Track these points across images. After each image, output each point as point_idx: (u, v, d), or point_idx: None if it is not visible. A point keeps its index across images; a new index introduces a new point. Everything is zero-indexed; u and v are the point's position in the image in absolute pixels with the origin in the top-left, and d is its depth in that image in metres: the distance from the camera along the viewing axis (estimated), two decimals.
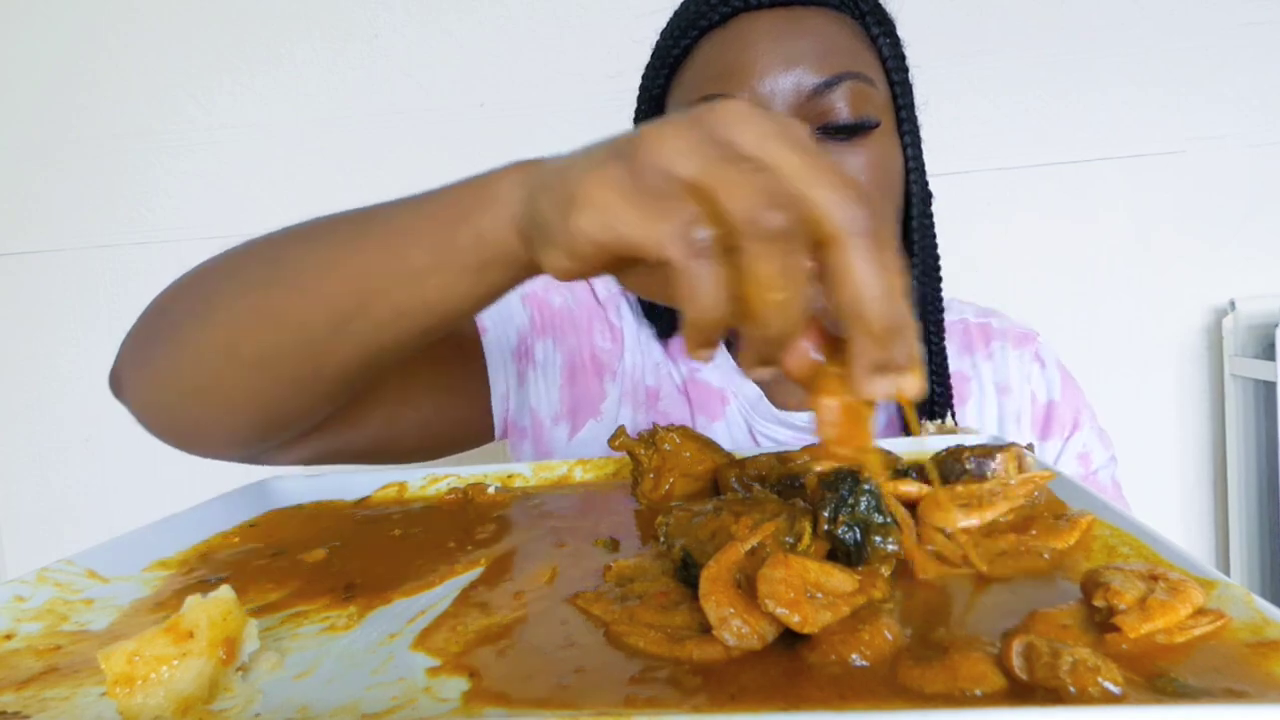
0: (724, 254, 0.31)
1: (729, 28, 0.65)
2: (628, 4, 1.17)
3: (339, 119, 1.25)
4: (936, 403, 0.70)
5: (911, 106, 0.69)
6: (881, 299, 0.30)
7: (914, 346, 0.31)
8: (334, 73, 1.25)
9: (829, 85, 0.62)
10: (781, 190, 0.30)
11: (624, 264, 0.35)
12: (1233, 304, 1.13)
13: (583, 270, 0.36)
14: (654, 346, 0.76)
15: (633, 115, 0.74)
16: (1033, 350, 0.77)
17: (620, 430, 0.53)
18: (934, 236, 0.73)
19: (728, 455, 0.52)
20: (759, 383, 0.73)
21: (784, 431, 0.72)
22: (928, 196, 0.73)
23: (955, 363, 0.76)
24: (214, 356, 0.48)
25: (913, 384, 0.31)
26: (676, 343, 0.77)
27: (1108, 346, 1.18)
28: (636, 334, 0.77)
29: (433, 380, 0.67)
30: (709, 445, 0.52)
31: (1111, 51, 1.14)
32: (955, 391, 0.75)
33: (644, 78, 0.72)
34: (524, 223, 0.40)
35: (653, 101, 0.71)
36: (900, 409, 0.72)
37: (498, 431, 0.74)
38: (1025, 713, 0.24)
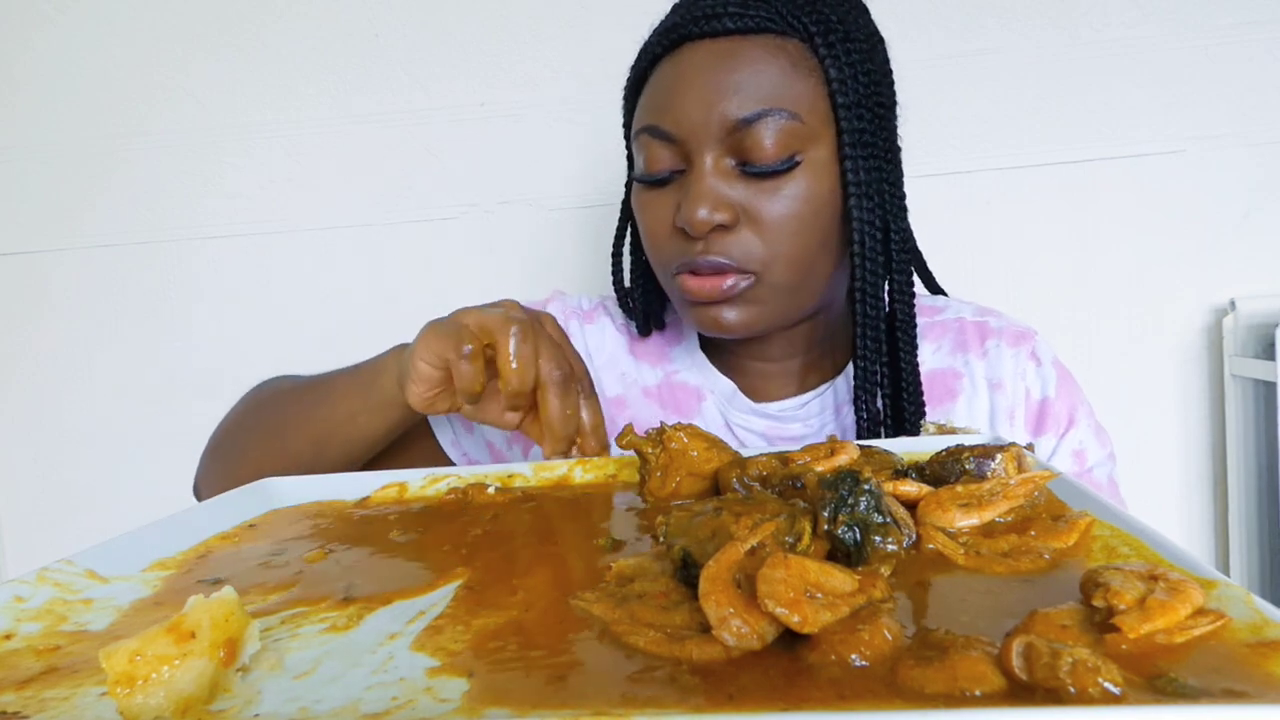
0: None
1: (675, 57, 0.68)
2: (628, 4, 1.18)
3: (339, 119, 1.25)
4: (908, 416, 0.71)
5: (866, 130, 0.67)
6: (559, 421, 0.60)
7: (596, 436, 0.62)
8: (334, 73, 1.25)
9: (750, 121, 0.64)
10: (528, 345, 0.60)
11: (447, 386, 0.63)
12: (1233, 304, 1.13)
13: (423, 391, 0.63)
14: (620, 358, 0.83)
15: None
16: (1029, 348, 0.77)
17: (628, 428, 0.53)
18: (907, 254, 0.73)
19: (734, 454, 0.52)
20: (730, 378, 0.79)
21: (759, 421, 0.77)
22: (899, 211, 0.72)
23: (948, 360, 0.78)
24: (253, 474, 0.66)
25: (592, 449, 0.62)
26: (651, 348, 0.83)
27: (1108, 346, 1.18)
28: (586, 349, 0.83)
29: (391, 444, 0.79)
30: (716, 444, 0.52)
31: (1111, 51, 1.14)
32: (946, 388, 0.76)
33: (624, 94, 0.76)
34: (399, 376, 0.65)
35: (629, 115, 0.74)
36: (857, 424, 0.73)
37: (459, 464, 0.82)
38: (1025, 713, 0.24)
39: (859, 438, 0.71)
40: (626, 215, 0.81)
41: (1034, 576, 0.35)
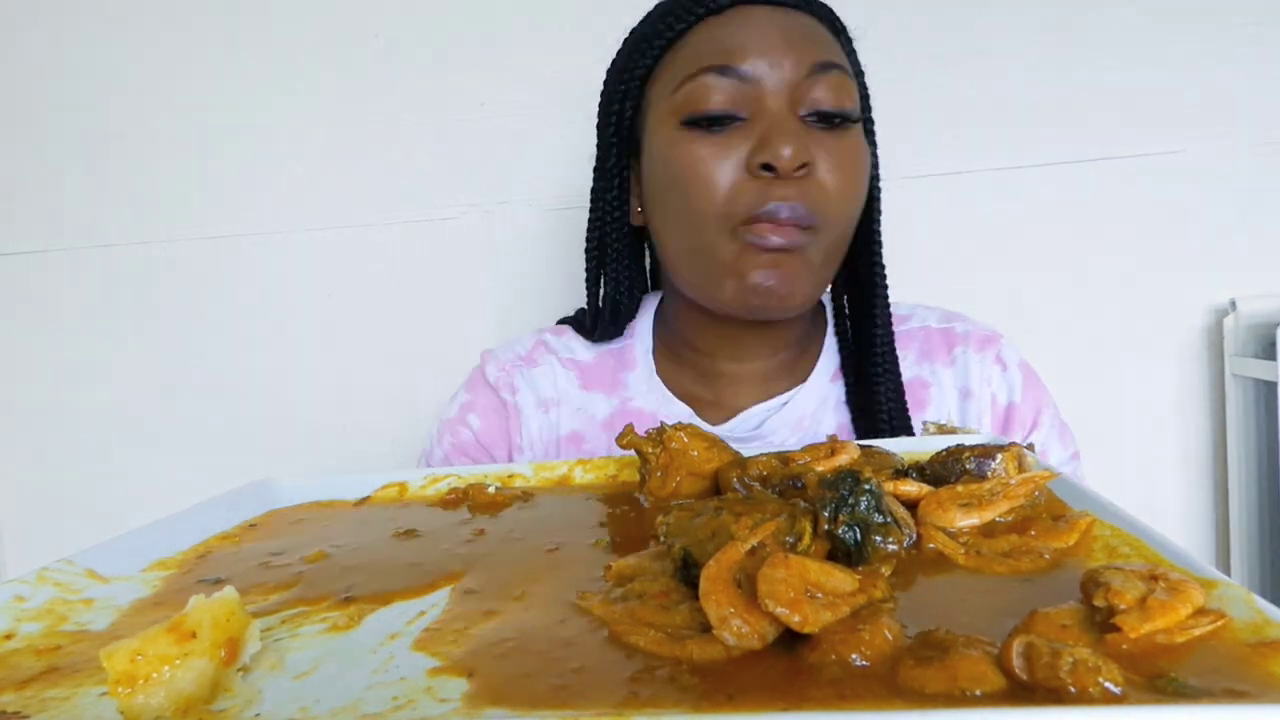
0: None
1: (726, 16, 0.69)
2: (629, 4, 1.18)
3: (339, 119, 1.25)
4: (893, 413, 0.72)
5: (873, 123, 0.74)
6: None
7: None
8: (334, 73, 1.25)
9: (821, 70, 0.66)
10: None
11: None
12: (1233, 304, 1.13)
13: None
14: (571, 394, 0.80)
15: (602, 96, 0.76)
16: (994, 353, 0.77)
17: (628, 428, 0.53)
18: (882, 246, 0.76)
19: (734, 454, 0.52)
20: (687, 402, 0.77)
21: None
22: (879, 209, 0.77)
23: (915, 369, 0.78)
24: None
25: None
26: (604, 377, 0.80)
27: (1108, 346, 1.18)
28: (539, 398, 0.80)
29: None
30: (716, 444, 0.52)
31: (1111, 51, 1.14)
32: (914, 397, 0.76)
33: (624, 59, 0.74)
34: None
35: (635, 80, 0.72)
36: (852, 418, 0.74)
37: None
38: (1025, 713, 0.24)
39: (860, 426, 0.71)
40: (600, 205, 0.79)
41: (1034, 576, 0.35)
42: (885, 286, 0.76)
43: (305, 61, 1.25)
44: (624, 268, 0.80)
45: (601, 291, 0.81)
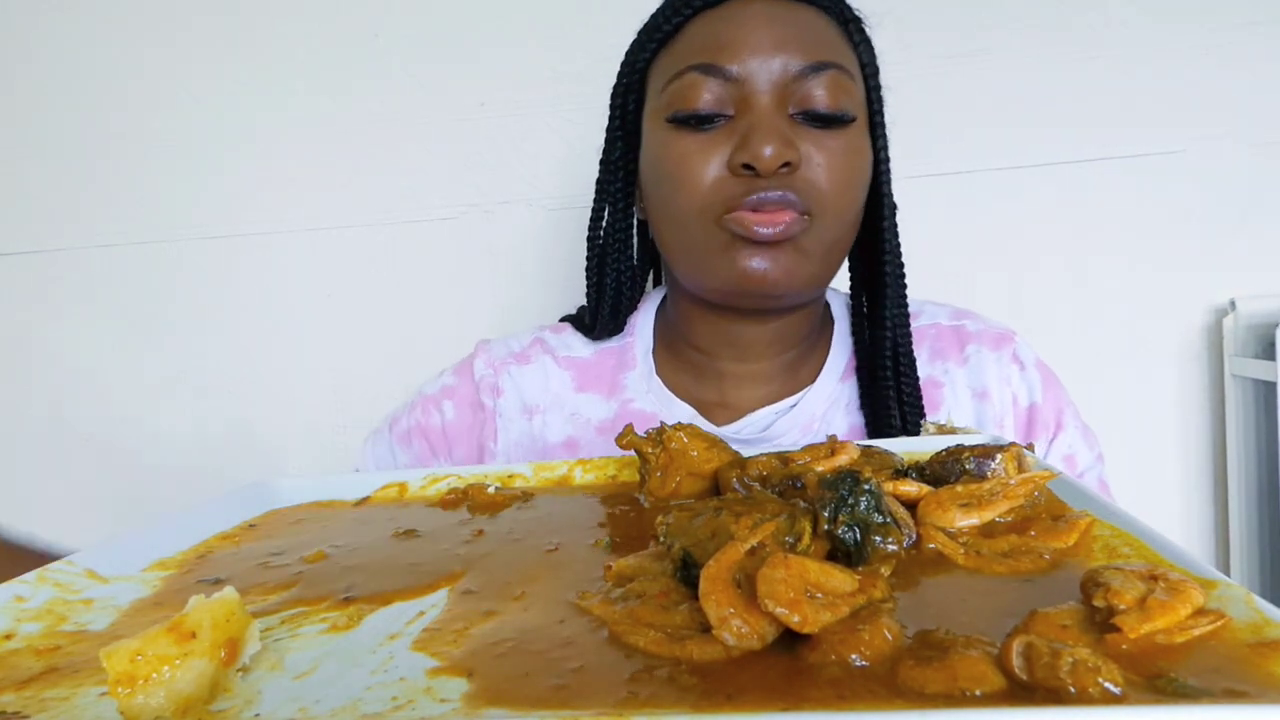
0: None
1: (722, 9, 0.68)
2: (628, 5, 1.18)
3: (339, 119, 1.25)
4: (908, 416, 0.70)
5: (883, 115, 0.72)
6: None
7: None
8: (334, 73, 1.25)
9: (814, 70, 0.65)
10: None
11: None
12: (1233, 304, 1.13)
13: None
14: (566, 398, 0.78)
15: (612, 89, 0.76)
16: (1010, 351, 0.76)
17: (628, 429, 0.53)
18: (899, 246, 0.75)
19: (734, 454, 0.52)
20: (690, 403, 0.76)
21: None
22: (893, 206, 0.75)
23: (927, 369, 0.76)
24: None
25: None
26: (602, 378, 0.78)
27: (1108, 346, 1.18)
28: (524, 402, 0.78)
29: None
30: (716, 444, 0.52)
31: (1112, 51, 1.14)
32: (926, 398, 0.74)
33: (629, 53, 0.74)
34: None
35: (636, 74, 0.73)
36: (866, 421, 0.73)
37: None
38: (1025, 713, 0.24)
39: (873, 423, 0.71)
40: (604, 197, 0.78)
41: (1034, 576, 0.35)
42: (900, 288, 0.74)
43: (305, 61, 1.25)
44: (626, 260, 0.79)
45: (602, 284, 0.80)
